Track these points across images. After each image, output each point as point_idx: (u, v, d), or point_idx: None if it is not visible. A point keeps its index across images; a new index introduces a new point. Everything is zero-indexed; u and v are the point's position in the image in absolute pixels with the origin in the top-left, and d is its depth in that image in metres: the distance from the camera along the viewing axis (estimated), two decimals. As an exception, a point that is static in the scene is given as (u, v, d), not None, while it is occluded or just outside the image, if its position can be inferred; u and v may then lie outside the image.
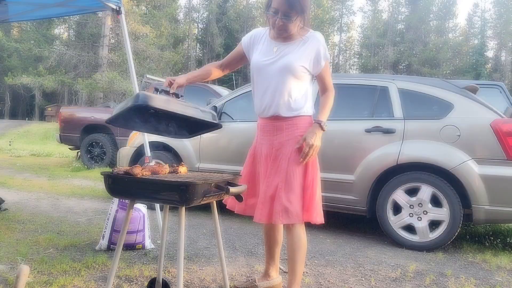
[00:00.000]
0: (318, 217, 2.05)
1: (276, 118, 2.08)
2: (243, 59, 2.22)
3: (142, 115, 1.86)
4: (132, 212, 2.82)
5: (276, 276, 2.39)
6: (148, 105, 1.61)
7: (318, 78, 2.11)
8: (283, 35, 2.02)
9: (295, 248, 2.05)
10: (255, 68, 2.10)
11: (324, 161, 3.82)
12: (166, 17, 28.18)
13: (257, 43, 2.14)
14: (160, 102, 1.67)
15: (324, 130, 2.03)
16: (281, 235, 2.32)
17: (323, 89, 2.14)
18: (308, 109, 2.09)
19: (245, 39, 2.21)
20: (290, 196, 1.97)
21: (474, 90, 3.67)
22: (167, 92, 1.89)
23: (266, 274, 2.38)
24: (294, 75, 2.01)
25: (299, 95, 2.04)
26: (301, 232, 2.06)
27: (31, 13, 4.08)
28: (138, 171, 1.69)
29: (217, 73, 2.23)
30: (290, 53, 2.02)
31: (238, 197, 1.83)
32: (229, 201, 2.23)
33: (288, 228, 2.05)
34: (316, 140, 1.99)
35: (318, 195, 2.06)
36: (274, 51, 2.05)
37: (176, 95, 1.90)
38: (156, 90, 1.89)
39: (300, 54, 2.02)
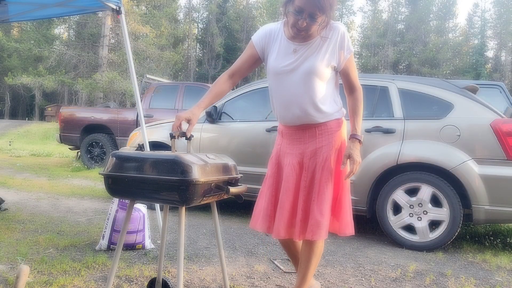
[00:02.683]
0: (348, 229, 1.90)
1: (306, 126, 1.91)
2: (256, 62, 1.97)
3: None
4: (132, 212, 2.83)
5: (314, 283, 2.24)
6: None
7: (342, 75, 1.91)
8: (302, 35, 1.82)
9: (310, 255, 1.94)
10: (274, 74, 1.90)
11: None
12: (166, 17, 28.18)
13: (273, 42, 1.91)
14: None
15: (361, 144, 1.87)
16: (299, 244, 2.13)
17: (349, 89, 1.93)
18: (340, 110, 1.94)
19: (257, 38, 1.94)
20: (323, 209, 1.83)
21: (474, 90, 3.67)
22: (183, 134, 1.81)
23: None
24: (321, 78, 1.84)
25: (329, 98, 1.89)
26: (320, 245, 1.95)
27: (31, 13, 4.08)
28: None
29: (228, 87, 1.98)
30: (312, 54, 1.83)
31: (238, 197, 1.83)
32: (258, 224, 1.97)
33: (310, 241, 1.91)
34: (359, 157, 1.84)
35: (348, 205, 1.93)
36: (293, 54, 1.85)
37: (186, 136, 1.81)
38: (172, 136, 1.79)
39: (323, 53, 1.83)
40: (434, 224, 3.39)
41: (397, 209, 3.49)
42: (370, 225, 4.13)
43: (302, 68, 1.83)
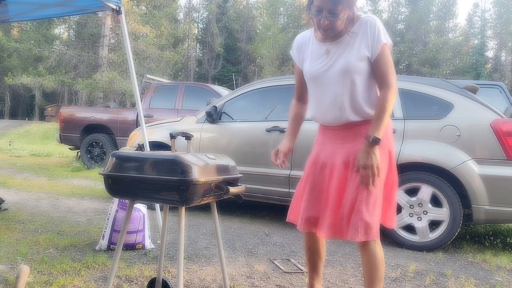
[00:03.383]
0: (392, 222, 1.87)
1: (350, 124, 1.83)
2: None
3: None
4: (132, 212, 2.83)
5: None
6: None
7: (373, 67, 1.77)
8: (330, 35, 1.78)
9: (371, 268, 1.79)
10: (310, 77, 1.87)
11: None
12: (166, 17, 28.19)
13: (305, 49, 1.90)
14: None
15: (377, 145, 1.71)
16: (325, 249, 2.09)
17: (379, 84, 1.78)
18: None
19: (293, 53, 1.96)
20: (372, 210, 1.74)
21: (474, 90, 3.67)
22: (184, 134, 1.93)
23: None
24: (358, 73, 1.76)
25: (371, 93, 1.81)
26: (377, 249, 1.80)
27: (31, 13, 4.08)
28: None
29: (301, 107, 2.03)
30: (344, 51, 1.77)
31: (238, 197, 1.83)
32: (292, 216, 1.97)
33: (363, 244, 1.79)
34: (370, 159, 1.70)
35: (394, 200, 1.90)
36: (326, 55, 1.81)
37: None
38: (172, 136, 1.88)
39: (356, 48, 1.75)
40: (434, 224, 3.39)
41: (397, 209, 3.48)
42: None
43: (337, 67, 1.78)
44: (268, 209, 4.88)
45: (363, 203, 1.73)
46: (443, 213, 3.31)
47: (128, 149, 4.85)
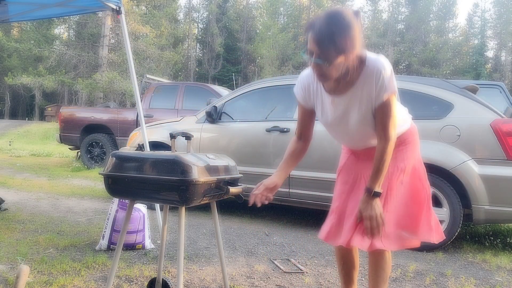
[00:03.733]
0: (432, 236, 1.77)
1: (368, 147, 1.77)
2: (312, 113, 1.81)
3: None
4: (132, 212, 2.82)
5: None
6: None
7: (374, 114, 1.64)
8: (326, 84, 1.64)
9: (378, 269, 1.80)
10: (325, 125, 1.79)
11: (324, 161, 3.84)
12: (166, 17, 28.20)
13: (314, 95, 1.75)
14: None
15: (377, 197, 1.65)
16: (358, 257, 1.99)
17: (378, 134, 1.65)
18: (405, 120, 1.77)
19: (297, 92, 1.79)
20: (397, 220, 1.73)
21: (474, 90, 3.67)
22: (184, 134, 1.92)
23: None
24: (370, 121, 1.66)
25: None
26: (386, 252, 1.80)
27: (31, 13, 4.08)
28: None
29: (300, 145, 1.86)
30: (354, 106, 1.63)
31: (238, 197, 1.82)
32: (326, 234, 1.82)
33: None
34: (373, 210, 1.63)
35: (425, 211, 1.79)
36: (336, 108, 1.67)
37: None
38: (172, 136, 1.87)
39: (364, 102, 1.62)
40: (434, 224, 3.39)
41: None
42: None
43: (350, 122, 1.67)
44: (268, 209, 4.88)
45: (391, 214, 1.72)
46: (443, 213, 3.31)
47: (128, 149, 4.85)
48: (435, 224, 1.80)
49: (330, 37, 1.43)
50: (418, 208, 1.79)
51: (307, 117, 1.82)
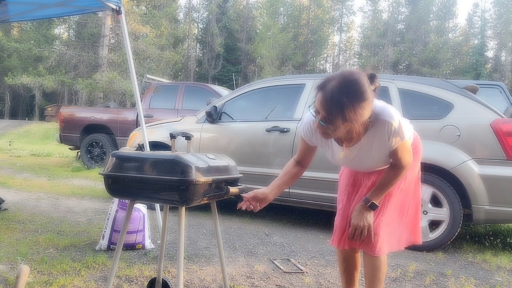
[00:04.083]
0: (420, 237, 1.91)
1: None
2: (315, 148, 1.83)
3: None
4: (132, 212, 2.82)
5: None
6: None
7: (391, 154, 1.66)
8: (353, 143, 1.63)
9: (373, 268, 1.83)
10: (336, 164, 1.83)
11: (324, 161, 3.83)
12: (166, 17, 28.19)
13: (320, 140, 1.74)
14: None
15: (372, 210, 1.69)
16: (359, 260, 2.01)
17: (392, 163, 1.70)
18: (410, 133, 1.74)
19: (303, 134, 1.77)
20: (388, 224, 1.78)
21: (474, 90, 3.67)
22: (184, 134, 1.95)
23: None
24: (386, 157, 1.68)
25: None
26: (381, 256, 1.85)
27: (31, 13, 4.08)
28: None
29: (297, 170, 1.86)
30: (365, 155, 1.67)
31: (238, 197, 1.82)
32: (337, 240, 1.85)
33: None
34: (362, 221, 1.67)
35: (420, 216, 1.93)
36: (345, 151, 1.67)
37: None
38: (172, 136, 1.88)
39: (376, 151, 1.64)
40: (434, 224, 3.39)
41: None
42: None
43: (362, 162, 1.71)
44: (268, 209, 4.86)
45: (383, 217, 1.77)
46: (443, 213, 3.31)
47: (128, 149, 4.86)
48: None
49: (340, 106, 1.39)
50: (414, 214, 1.88)
51: (309, 150, 1.82)
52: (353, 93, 1.39)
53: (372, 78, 1.46)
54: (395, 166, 1.67)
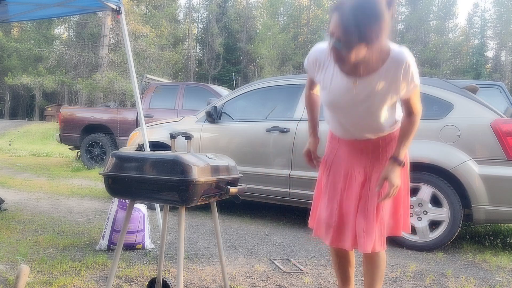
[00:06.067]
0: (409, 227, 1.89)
1: (369, 139, 1.80)
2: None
3: None
4: (132, 212, 2.82)
5: None
6: None
7: (402, 101, 1.70)
8: (342, 66, 1.59)
9: (372, 267, 1.84)
10: (329, 106, 1.75)
11: (324, 161, 3.84)
12: (166, 17, 28.18)
13: (324, 69, 1.70)
14: None
15: (402, 167, 1.71)
16: (352, 256, 2.02)
17: (407, 112, 1.72)
18: (398, 124, 1.79)
19: (308, 64, 1.78)
20: (379, 220, 1.76)
21: (474, 90, 3.67)
22: (184, 134, 1.99)
23: None
24: (382, 112, 1.68)
25: (392, 115, 1.74)
26: (380, 253, 1.84)
27: (31, 13, 4.08)
28: None
29: (316, 95, 1.95)
30: (372, 90, 1.60)
31: (235, 197, 1.82)
32: (331, 240, 1.84)
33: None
34: (395, 178, 1.68)
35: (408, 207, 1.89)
36: (349, 90, 1.63)
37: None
38: (172, 136, 1.92)
39: (383, 91, 1.60)
40: (434, 224, 3.39)
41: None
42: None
43: (362, 105, 1.65)
44: (268, 209, 4.88)
45: (371, 214, 1.75)
46: (443, 213, 3.31)
47: (128, 149, 4.86)
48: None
49: (356, 24, 1.37)
50: (399, 204, 1.86)
51: (315, 81, 1.84)
52: (369, 11, 1.38)
53: (389, 3, 1.42)
54: (410, 114, 1.71)
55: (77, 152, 9.22)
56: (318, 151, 1.96)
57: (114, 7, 3.37)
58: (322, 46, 1.70)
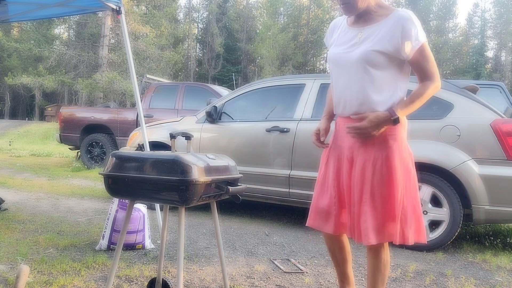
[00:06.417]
0: (416, 236, 1.72)
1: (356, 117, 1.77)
2: None
3: None
4: (132, 212, 2.83)
5: None
6: None
7: (412, 65, 1.71)
8: (349, 12, 1.72)
9: (374, 270, 1.79)
10: (331, 61, 1.82)
11: (324, 161, 3.84)
12: (166, 17, 28.18)
13: (335, 33, 1.87)
14: None
15: (393, 124, 1.65)
16: (348, 250, 1.99)
17: (420, 77, 1.71)
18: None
19: (326, 38, 1.95)
20: (376, 213, 1.68)
21: (474, 90, 3.67)
22: (184, 134, 1.99)
23: None
24: (372, 65, 1.67)
25: (386, 89, 1.70)
26: (382, 251, 1.77)
27: (31, 13, 4.08)
28: None
29: None
30: (369, 38, 1.69)
31: (235, 197, 1.82)
32: (312, 221, 1.86)
33: (369, 246, 1.77)
34: (374, 127, 1.64)
35: (412, 209, 1.72)
36: (351, 39, 1.75)
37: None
38: (172, 136, 1.90)
39: (380, 37, 1.67)
40: (434, 224, 3.39)
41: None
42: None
43: (355, 53, 1.70)
44: (268, 209, 4.88)
45: (368, 204, 1.68)
46: (443, 213, 3.31)
47: (128, 149, 4.86)
48: (415, 225, 1.74)
49: None
50: (400, 204, 1.71)
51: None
52: None
53: None
54: (423, 78, 1.70)
55: (77, 152, 9.22)
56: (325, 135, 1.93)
57: (114, 7, 3.37)
58: (336, 19, 1.92)
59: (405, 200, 1.71)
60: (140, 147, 4.02)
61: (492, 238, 3.71)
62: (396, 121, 1.65)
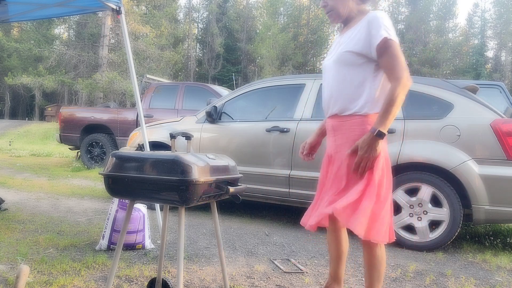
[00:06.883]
0: (380, 236, 1.71)
1: (334, 117, 1.87)
2: None
3: None
4: (132, 212, 2.83)
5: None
6: None
7: (379, 63, 1.75)
8: (335, 20, 1.87)
9: (369, 267, 1.85)
10: (323, 67, 1.98)
11: (324, 161, 3.84)
12: (166, 17, 28.18)
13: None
14: None
15: (379, 138, 1.67)
16: (344, 248, 2.05)
17: (388, 78, 1.74)
18: (364, 106, 1.76)
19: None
20: (343, 200, 1.73)
21: (474, 90, 3.67)
22: (184, 134, 2.03)
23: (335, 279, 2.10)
24: (347, 65, 1.78)
25: (352, 89, 1.78)
26: (377, 249, 1.81)
27: (31, 13, 4.08)
28: None
29: None
30: (346, 41, 1.82)
31: (235, 197, 1.82)
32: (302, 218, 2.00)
33: (364, 243, 1.82)
34: (366, 150, 1.68)
35: (383, 210, 1.73)
36: (335, 47, 1.89)
37: None
38: (172, 136, 1.96)
39: (351, 38, 1.79)
40: (434, 224, 3.39)
41: (397, 209, 3.48)
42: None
43: (333, 58, 1.86)
44: (268, 209, 4.88)
45: (338, 196, 1.78)
46: (443, 213, 3.31)
47: (128, 149, 4.86)
48: (380, 223, 1.72)
49: None
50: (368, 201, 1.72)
51: None
52: None
53: None
54: (389, 79, 1.72)
55: (77, 152, 9.22)
56: (315, 154, 2.13)
57: (114, 7, 3.37)
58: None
59: (371, 192, 1.71)
60: (140, 147, 4.03)
61: (492, 238, 3.71)
62: (380, 134, 1.67)
